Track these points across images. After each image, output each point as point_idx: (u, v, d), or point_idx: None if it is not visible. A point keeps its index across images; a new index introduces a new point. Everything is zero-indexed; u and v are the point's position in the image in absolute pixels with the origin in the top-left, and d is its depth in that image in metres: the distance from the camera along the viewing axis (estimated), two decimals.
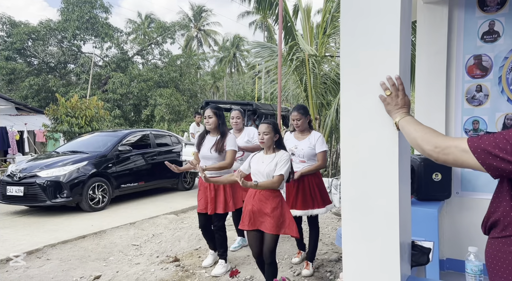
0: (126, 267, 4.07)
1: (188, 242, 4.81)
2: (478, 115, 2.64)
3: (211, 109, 3.67)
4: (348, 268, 1.46)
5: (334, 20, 8.65)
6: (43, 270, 3.97)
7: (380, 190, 1.39)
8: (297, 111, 3.60)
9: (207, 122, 3.65)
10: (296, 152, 3.59)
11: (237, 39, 39.39)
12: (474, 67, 2.63)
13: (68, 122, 11.16)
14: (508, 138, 1.05)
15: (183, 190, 8.59)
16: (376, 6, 1.38)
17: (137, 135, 8.15)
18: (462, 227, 2.63)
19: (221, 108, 3.81)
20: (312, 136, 3.62)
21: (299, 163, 3.59)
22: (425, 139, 1.21)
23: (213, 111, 3.64)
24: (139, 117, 21.56)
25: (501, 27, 2.52)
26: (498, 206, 1.14)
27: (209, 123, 3.65)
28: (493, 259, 1.14)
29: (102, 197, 6.84)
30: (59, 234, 5.19)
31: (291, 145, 3.63)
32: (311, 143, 3.58)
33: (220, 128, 3.66)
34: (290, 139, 3.70)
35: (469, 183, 2.65)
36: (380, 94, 1.37)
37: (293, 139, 3.69)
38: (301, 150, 3.58)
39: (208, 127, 3.69)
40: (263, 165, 2.94)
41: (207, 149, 3.62)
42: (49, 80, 19.71)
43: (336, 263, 3.93)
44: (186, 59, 22.76)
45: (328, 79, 8.51)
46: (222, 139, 3.62)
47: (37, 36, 19.89)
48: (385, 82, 1.35)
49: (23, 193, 6.36)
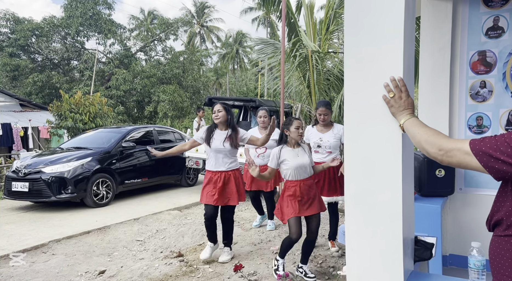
0: (131, 262, 4.10)
1: (191, 237, 4.84)
2: (482, 111, 2.63)
3: (221, 104, 3.81)
4: (352, 263, 1.47)
5: (337, 16, 8.62)
6: (49, 265, 4.01)
7: (384, 186, 1.39)
8: (324, 106, 3.93)
9: (216, 116, 3.75)
10: (322, 144, 3.93)
11: (240, 36, 39.27)
12: (478, 63, 2.62)
13: (72, 118, 11.21)
14: (509, 141, 1.06)
15: (186, 186, 8.63)
16: (380, 1, 1.38)
17: (140, 132, 8.18)
18: (465, 223, 2.63)
19: (229, 105, 3.98)
20: (335, 128, 3.99)
21: (326, 153, 3.95)
22: (429, 142, 1.23)
23: (223, 106, 3.79)
24: (142, 114, 21.61)
25: (505, 23, 2.51)
26: (501, 205, 1.15)
27: (218, 117, 3.74)
28: (496, 256, 1.15)
29: (106, 193, 6.88)
30: (64, 229, 5.24)
31: (316, 138, 3.96)
32: (336, 135, 3.94)
33: (230, 123, 3.78)
34: (314, 133, 4.02)
35: (472, 179, 2.65)
36: (384, 95, 1.37)
37: (317, 132, 4.02)
38: (327, 142, 3.93)
39: (217, 121, 3.77)
40: (302, 158, 3.28)
41: (219, 143, 3.72)
42: (52, 77, 19.76)
43: (339, 259, 3.95)
44: (189, 56, 22.76)
45: (331, 75, 8.49)
46: (236, 134, 3.73)
47: (41, 33, 19.93)
48: (389, 83, 1.36)
49: (28, 189, 6.41)
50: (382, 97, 1.37)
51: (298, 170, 3.26)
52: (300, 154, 3.30)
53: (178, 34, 23.66)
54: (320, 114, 3.94)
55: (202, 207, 6.76)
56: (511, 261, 1.10)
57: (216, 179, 3.75)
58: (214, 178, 3.77)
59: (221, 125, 3.80)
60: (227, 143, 3.70)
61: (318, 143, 3.94)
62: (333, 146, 3.95)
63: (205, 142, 3.80)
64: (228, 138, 3.71)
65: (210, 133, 3.79)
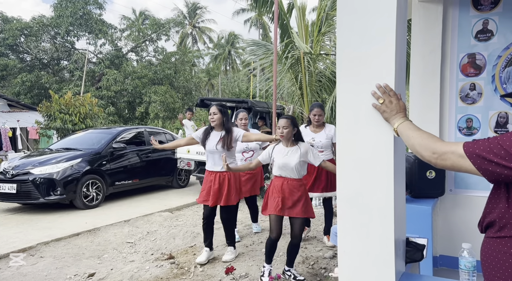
0: (121, 264, 4.06)
1: (183, 239, 4.81)
2: (471, 113, 2.66)
3: (216, 106, 3.83)
4: (344, 265, 1.47)
5: (329, 18, 8.67)
6: (37, 268, 3.94)
7: (376, 188, 1.39)
8: (319, 107, 4.14)
9: (212, 119, 3.77)
10: (314, 144, 4.11)
11: (232, 37, 39.26)
12: (468, 66, 2.65)
13: (62, 119, 11.07)
14: (502, 143, 1.07)
15: (177, 188, 8.57)
16: (373, 3, 1.38)
17: (131, 133, 8.11)
18: (455, 224, 2.66)
19: (225, 105, 4.00)
20: (327, 128, 4.19)
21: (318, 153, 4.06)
22: (423, 145, 1.23)
23: (218, 108, 3.80)
24: (133, 115, 21.44)
25: (494, 26, 2.54)
26: (494, 207, 1.16)
27: (214, 119, 3.76)
28: (488, 257, 1.16)
29: (96, 195, 6.80)
30: (52, 231, 5.16)
31: (309, 138, 4.11)
32: (327, 135, 4.14)
33: (225, 125, 3.79)
34: (307, 133, 4.16)
35: (462, 181, 2.68)
36: (373, 103, 1.37)
37: (310, 132, 4.19)
38: (319, 142, 4.12)
39: (213, 124, 3.80)
40: (289, 158, 3.27)
41: (213, 144, 3.76)
42: (42, 77, 19.52)
43: (331, 260, 3.95)
44: (181, 56, 22.66)
45: (323, 77, 8.53)
46: (229, 136, 3.74)
47: (30, 32, 19.67)
48: (376, 91, 1.36)
49: (16, 190, 6.30)
50: (372, 105, 1.37)
51: (282, 169, 3.29)
52: (290, 154, 3.29)
53: (169, 34, 23.59)
54: (314, 114, 4.13)
55: (194, 208, 6.73)
56: (502, 263, 1.11)
57: (212, 179, 3.80)
58: (210, 178, 3.83)
59: (217, 127, 3.83)
60: (219, 145, 3.72)
61: (310, 143, 4.09)
62: (325, 145, 4.15)
63: (201, 144, 3.86)
64: (221, 139, 3.73)
65: (207, 134, 3.84)
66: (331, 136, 4.14)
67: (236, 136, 3.80)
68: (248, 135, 3.87)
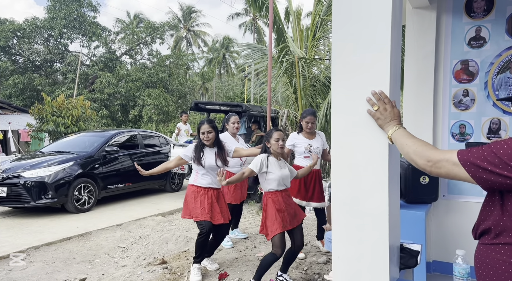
0: (112, 269, 4.01)
1: (175, 244, 4.76)
2: (464, 119, 2.68)
3: (209, 124, 3.63)
4: (338, 271, 1.46)
5: (324, 23, 8.73)
6: (26, 273, 3.88)
7: (370, 193, 1.39)
8: (313, 115, 4.10)
9: (207, 138, 3.60)
10: (312, 150, 4.10)
11: (226, 41, 39.32)
12: (461, 72, 2.67)
13: (54, 122, 10.97)
14: (496, 151, 1.07)
15: (170, 192, 8.52)
16: (368, 10, 1.39)
17: (124, 136, 8.05)
18: (448, 230, 2.67)
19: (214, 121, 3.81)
20: (319, 135, 4.24)
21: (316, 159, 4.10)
22: (418, 153, 1.23)
23: (211, 126, 3.63)
24: (126, 118, 21.32)
25: (487, 33, 2.57)
26: (489, 214, 1.16)
27: (209, 138, 3.61)
28: (481, 264, 1.16)
29: (88, 198, 6.73)
30: (43, 236, 5.09)
31: (306, 144, 4.10)
32: (321, 141, 4.18)
33: (218, 141, 3.71)
34: (301, 139, 4.15)
35: (455, 187, 2.69)
36: (368, 109, 1.37)
37: (305, 139, 4.15)
38: (317, 148, 4.12)
39: (208, 143, 3.63)
40: (285, 170, 3.32)
41: (212, 161, 3.61)
42: (34, 79, 19.34)
43: (324, 265, 3.94)
44: (175, 60, 22.62)
45: (317, 81, 8.57)
46: (222, 152, 3.68)
47: (23, 34, 19.50)
48: (371, 97, 1.36)
49: (6, 193, 6.21)
50: (367, 112, 1.37)
51: (281, 182, 3.27)
52: (282, 166, 3.34)
53: (164, 38, 23.52)
54: (307, 122, 4.07)
55: None
56: (495, 269, 1.11)
57: (210, 196, 3.62)
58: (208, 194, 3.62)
59: (210, 144, 3.69)
60: (219, 161, 3.64)
61: (309, 149, 4.10)
62: (320, 151, 4.20)
63: (196, 162, 3.63)
64: (217, 156, 3.65)
65: (200, 152, 3.64)
66: (323, 142, 4.21)
67: (228, 152, 3.73)
68: (238, 150, 3.81)
